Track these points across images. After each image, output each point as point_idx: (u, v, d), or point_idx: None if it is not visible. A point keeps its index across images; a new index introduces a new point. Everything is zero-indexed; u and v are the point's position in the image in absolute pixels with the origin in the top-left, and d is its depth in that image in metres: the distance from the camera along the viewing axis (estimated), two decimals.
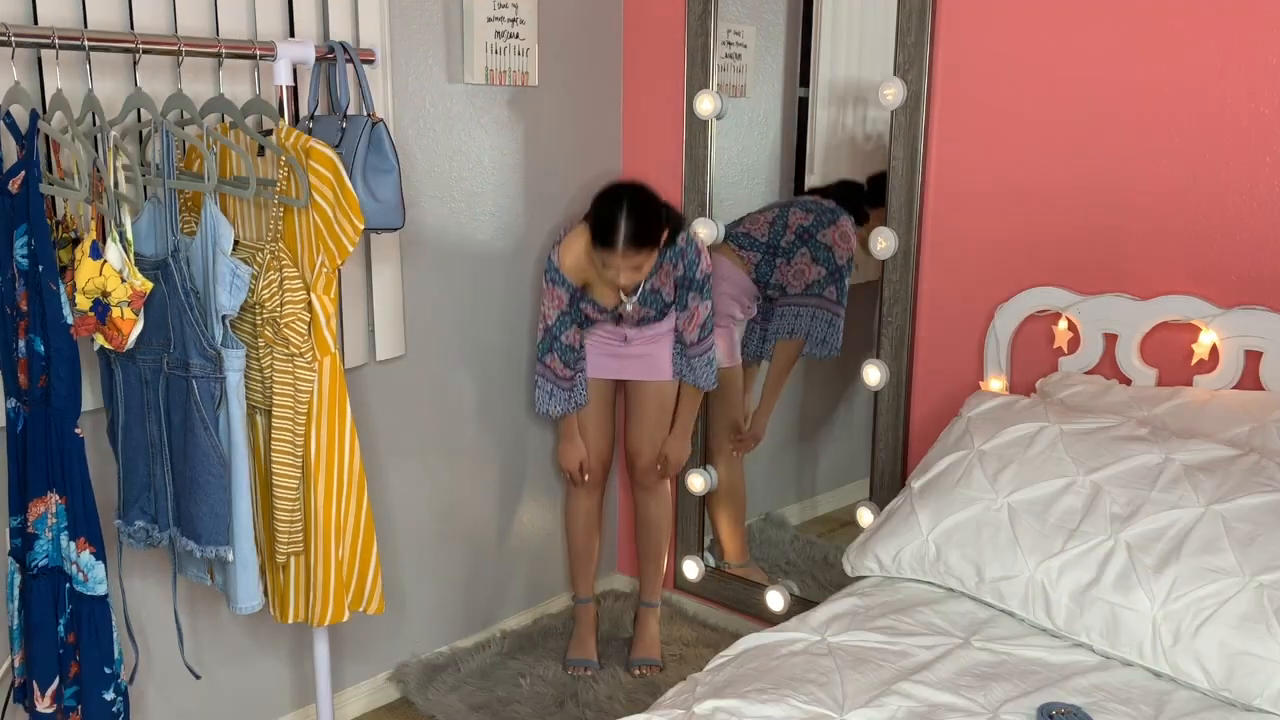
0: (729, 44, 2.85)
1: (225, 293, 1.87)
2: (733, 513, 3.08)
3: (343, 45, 2.14)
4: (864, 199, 2.72)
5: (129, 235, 1.82)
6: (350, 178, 1.99)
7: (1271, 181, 2.04)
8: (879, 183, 2.56)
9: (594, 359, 2.78)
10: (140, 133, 2.07)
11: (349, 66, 2.18)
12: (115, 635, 1.95)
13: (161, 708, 2.36)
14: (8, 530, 1.95)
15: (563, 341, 2.67)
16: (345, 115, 2.17)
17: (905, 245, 2.50)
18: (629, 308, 2.64)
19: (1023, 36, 2.29)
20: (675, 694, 1.67)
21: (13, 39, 1.75)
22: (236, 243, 1.95)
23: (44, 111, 1.90)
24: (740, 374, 2.98)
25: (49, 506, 1.88)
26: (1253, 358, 2.06)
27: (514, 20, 2.69)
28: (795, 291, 2.82)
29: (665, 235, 2.49)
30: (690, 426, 2.83)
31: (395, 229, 2.24)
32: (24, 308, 1.83)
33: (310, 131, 2.17)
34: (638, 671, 2.82)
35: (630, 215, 2.41)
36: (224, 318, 1.90)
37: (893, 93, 2.44)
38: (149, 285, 1.82)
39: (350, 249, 1.94)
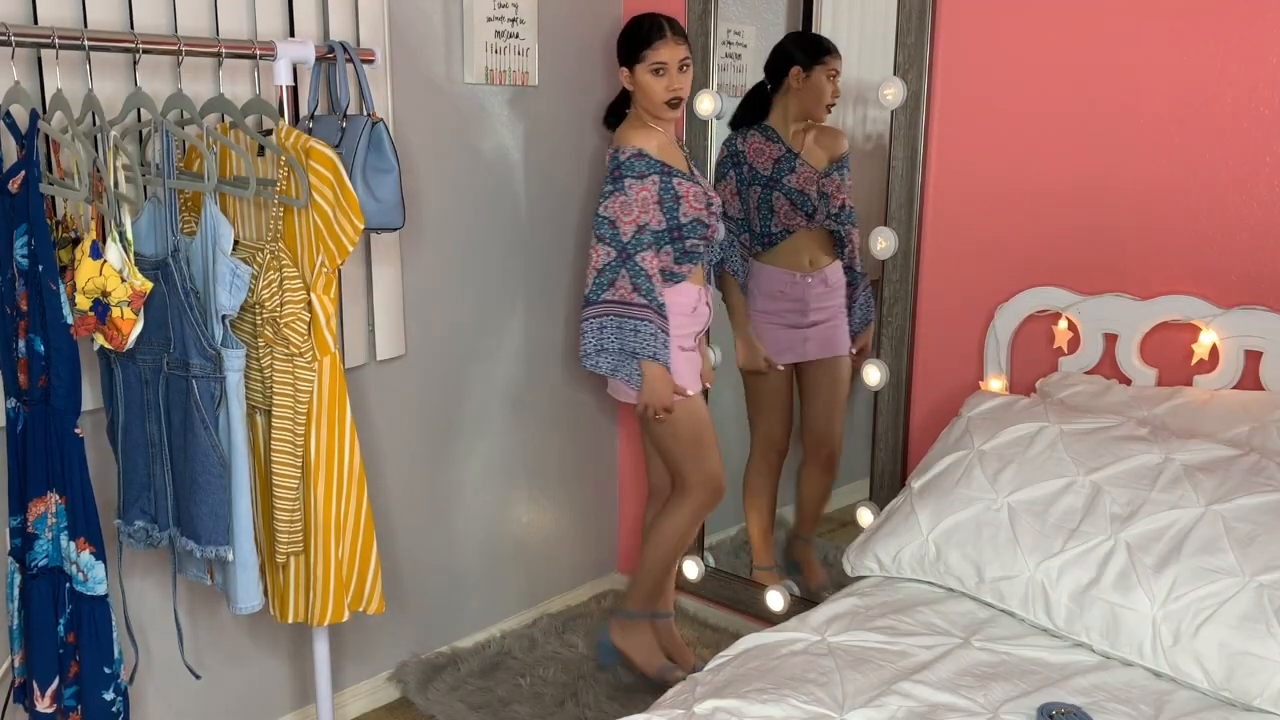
0: (729, 44, 2.85)
1: (225, 292, 1.88)
2: (766, 518, 3.02)
3: (343, 45, 2.14)
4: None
5: (129, 235, 1.82)
6: (350, 177, 1.99)
7: (1271, 181, 2.04)
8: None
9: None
10: (140, 133, 2.07)
11: (349, 66, 2.18)
12: (115, 635, 1.95)
13: (161, 708, 2.36)
14: (8, 530, 1.95)
15: (638, 264, 2.36)
16: (345, 115, 2.16)
17: (905, 245, 2.50)
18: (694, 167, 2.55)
19: (1023, 36, 2.29)
20: (675, 694, 1.67)
21: (13, 39, 1.75)
22: (236, 243, 1.95)
23: (44, 111, 1.90)
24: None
25: (49, 506, 1.88)
26: (1253, 358, 2.06)
27: (514, 20, 2.69)
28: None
29: None
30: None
31: (395, 229, 2.24)
32: (24, 308, 1.83)
33: (310, 131, 2.17)
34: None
35: (669, 17, 2.48)
36: (224, 317, 1.90)
37: (893, 93, 2.44)
38: (149, 285, 1.82)
39: (350, 249, 1.94)
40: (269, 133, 2.09)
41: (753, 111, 2.79)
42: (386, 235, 2.51)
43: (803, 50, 2.71)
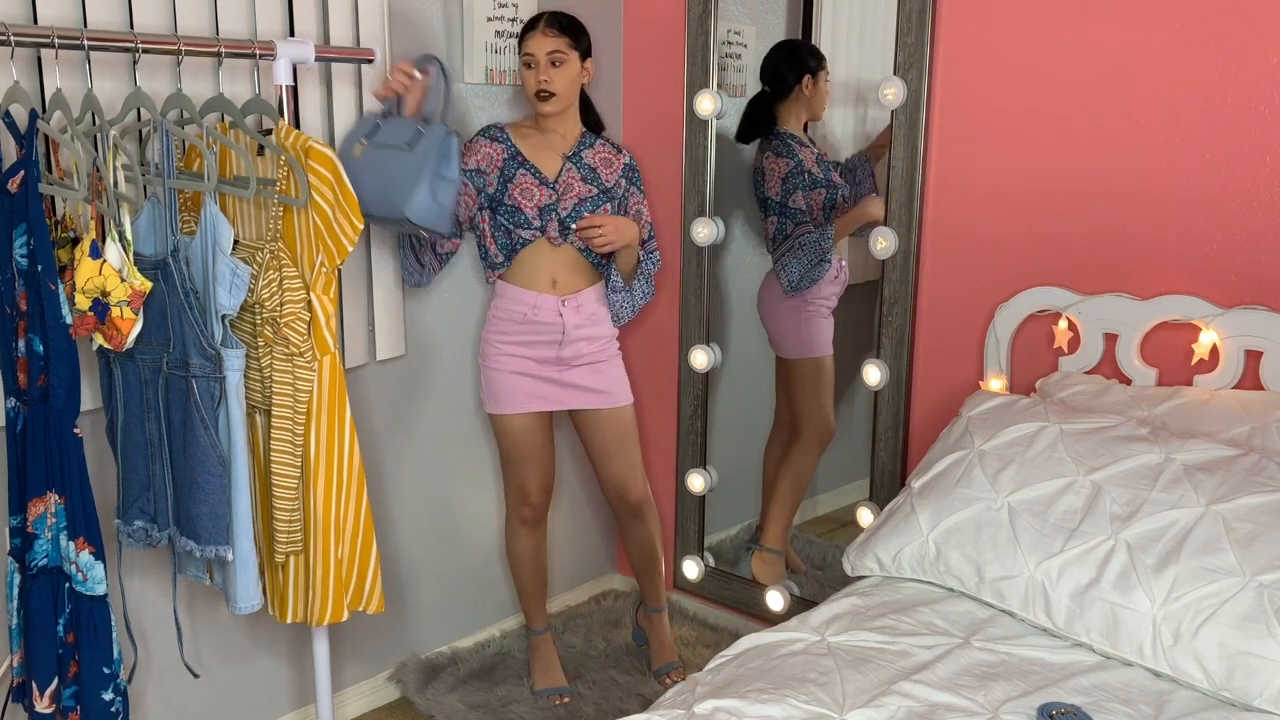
0: (729, 44, 2.85)
1: (225, 292, 1.88)
2: (792, 496, 2.98)
3: (439, 62, 2.31)
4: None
5: (128, 235, 1.82)
6: (418, 176, 2.12)
7: (1271, 181, 2.04)
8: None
9: (524, 385, 2.58)
10: (140, 132, 2.07)
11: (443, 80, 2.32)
12: (114, 635, 1.95)
13: (161, 708, 2.36)
14: (7, 530, 1.95)
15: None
16: (425, 119, 2.26)
17: (905, 245, 2.50)
18: (566, 174, 2.54)
19: (1023, 36, 2.29)
20: (675, 694, 1.67)
21: (13, 39, 1.75)
22: (236, 242, 1.95)
23: (44, 111, 1.90)
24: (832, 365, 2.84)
25: (48, 506, 1.88)
26: (1253, 358, 2.06)
27: (514, 20, 2.69)
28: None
29: (587, 49, 2.54)
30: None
31: (441, 234, 2.30)
32: (23, 307, 1.83)
33: (378, 127, 2.26)
34: (669, 679, 2.78)
35: (555, 11, 2.54)
36: (223, 317, 1.90)
37: (893, 93, 2.44)
38: (148, 285, 1.82)
39: (349, 249, 1.94)
40: (269, 132, 2.09)
41: (759, 122, 2.80)
42: (386, 235, 2.52)
43: (814, 57, 2.74)
